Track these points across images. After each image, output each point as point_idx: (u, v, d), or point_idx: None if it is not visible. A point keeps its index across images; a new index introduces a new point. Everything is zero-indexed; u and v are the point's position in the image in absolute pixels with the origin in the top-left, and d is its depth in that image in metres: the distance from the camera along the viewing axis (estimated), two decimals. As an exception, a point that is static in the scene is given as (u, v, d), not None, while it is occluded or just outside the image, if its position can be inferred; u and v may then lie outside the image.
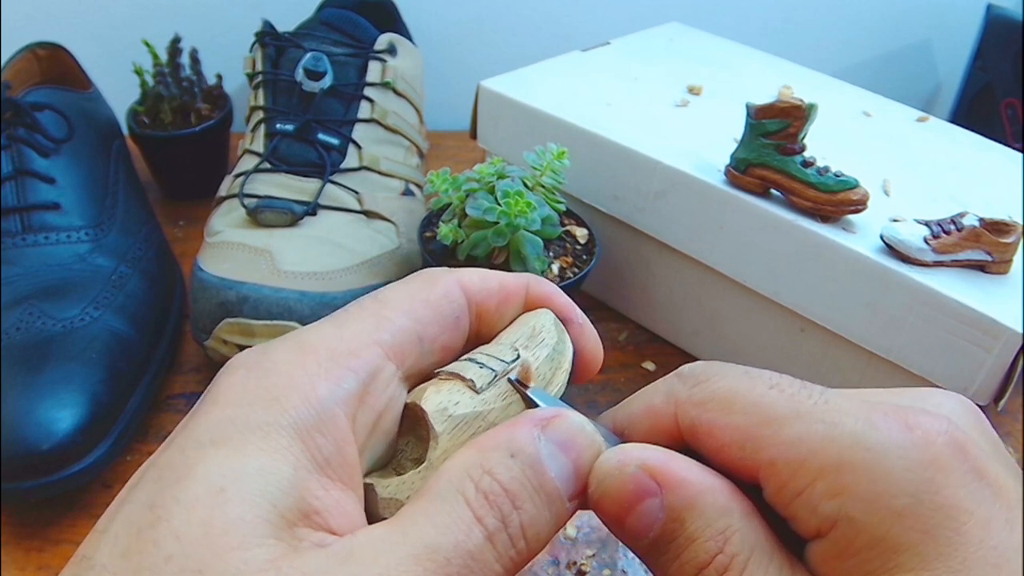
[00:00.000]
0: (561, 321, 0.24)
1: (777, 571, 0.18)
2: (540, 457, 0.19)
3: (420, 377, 0.22)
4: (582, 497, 0.20)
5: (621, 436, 0.22)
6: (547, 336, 0.23)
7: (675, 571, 0.19)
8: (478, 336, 0.23)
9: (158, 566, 0.16)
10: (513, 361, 0.22)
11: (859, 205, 0.43)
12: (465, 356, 0.22)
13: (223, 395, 0.19)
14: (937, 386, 0.42)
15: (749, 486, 0.19)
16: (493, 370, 0.21)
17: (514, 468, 0.18)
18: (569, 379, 0.24)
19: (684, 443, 0.21)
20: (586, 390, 0.51)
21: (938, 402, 0.19)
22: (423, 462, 0.20)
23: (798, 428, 0.18)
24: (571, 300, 0.25)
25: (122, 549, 0.16)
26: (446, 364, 0.22)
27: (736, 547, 0.18)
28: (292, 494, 0.17)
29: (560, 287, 0.46)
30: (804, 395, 0.19)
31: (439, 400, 0.20)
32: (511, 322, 0.24)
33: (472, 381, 0.21)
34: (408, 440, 0.21)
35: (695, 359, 0.54)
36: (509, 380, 0.22)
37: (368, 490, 0.20)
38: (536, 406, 0.21)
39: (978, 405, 0.41)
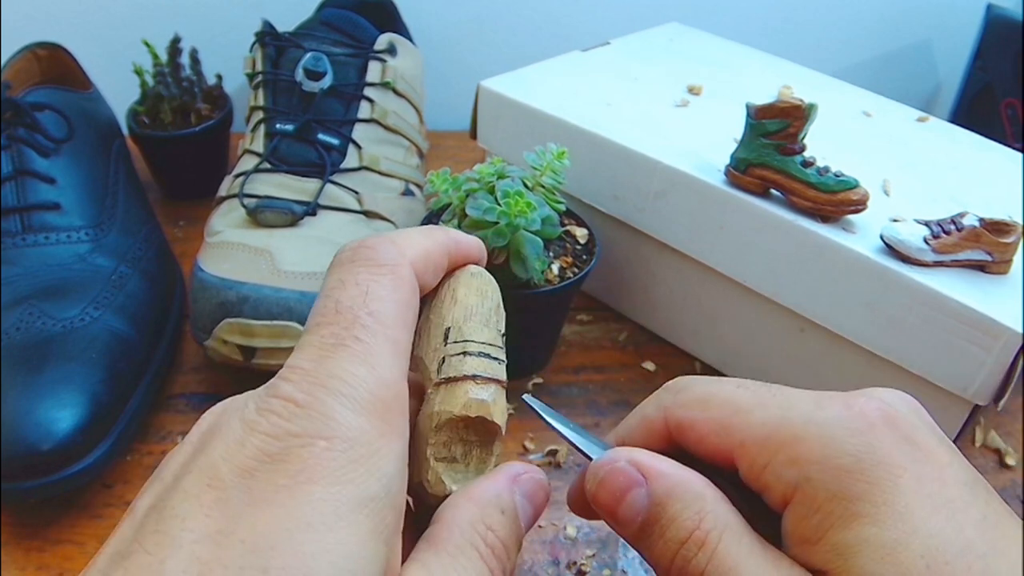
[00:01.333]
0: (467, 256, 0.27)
1: (748, 546, 0.21)
2: (517, 511, 0.23)
3: None
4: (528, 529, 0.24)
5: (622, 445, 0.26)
6: (496, 297, 0.26)
7: (660, 550, 0.22)
8: None
9: None
10: (503, 336, 0.25)
11: (859, 205, 0.43)
12: (475, 350, 0.24)
13: (315, 471, 0.18)
14: (937, 386, 0.42)
15: (729, 474, 0.23)
16: (503, 360, 0.25)
17: (506, 524, 0.22)
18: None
19: (675, 445, 0.25)
20: (586, 390, 0.51)
21: (880, 393, 0.23)
22: (469, 456, 0.24)
23: (760, 414, 0.22)
24: (468, 238, 0.26)
25: None
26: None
27: (710, 524, 0.21)
28: (388, 568, 0.19)
29: (560, 287, 0.46)
30: (764, 390, 0.23)
31: (500, 409, 0.24)
32: (447, 287, 0.25)
33: (504, 382, 0.24)
34: (441, 438, 0.23)
35: (695, 359, 0.55)
36: (524, 400, 0.25)
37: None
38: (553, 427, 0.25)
39: (978, 405, 0.41)
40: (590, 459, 0.24)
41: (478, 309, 0.25)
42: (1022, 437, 0.50)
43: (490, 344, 0.24)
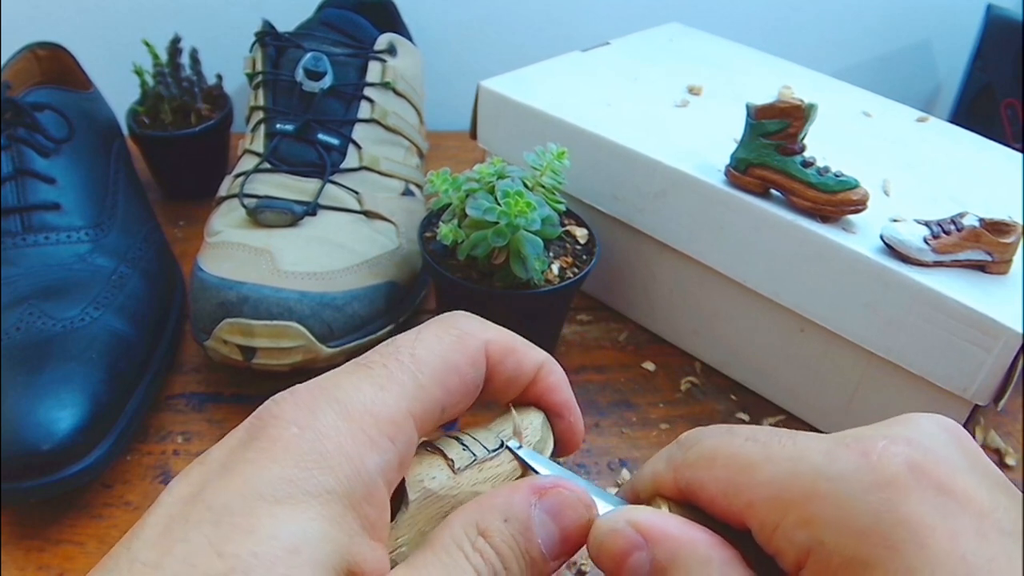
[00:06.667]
0: (556, 414, 0.27)
1: None
2: (531, 524, 0.21)
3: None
4: (565, 557, 0.22)
5: (636, 502, 0.25)
6: (531, 436, 0.25)
7: None
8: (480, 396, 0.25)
9: None
10: (494, 451, 0.24)
11: (859, 205, 0.43)
12: (453, 433, 0.24)
13: (280, 451, 0.19)
14: (937, 386, 0.42)
15: (745, 534, 0.21)
16: (474, 454, 0.23)
17: (505, 532, 0.21)
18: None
19: (689, 502, 0.23)
20: (586, 390, 0.51)
21: (911, 425, 0.20)
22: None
23: (769, 470, 0.20)
24: (572, 397, 0.27)
25: None
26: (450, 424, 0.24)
27: None
28: (348, 559, 0.19)
29: (560, 287, 0.46)
30: (775, 441, 0.21)
31: (418, 471, 0.22)
32: (507, 406, 0.26)
33: (452, 460, 0.23)
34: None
35: (695, 359, 0.55)
36: (508, 448, 0.23)
37: None
38: (535, 471, 0.23)
39: (978, 405, 0.41)
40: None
41: (496, 423, 0.25)
42: (1022, 437, 0.50)
43: (472, 438, 0.24)
